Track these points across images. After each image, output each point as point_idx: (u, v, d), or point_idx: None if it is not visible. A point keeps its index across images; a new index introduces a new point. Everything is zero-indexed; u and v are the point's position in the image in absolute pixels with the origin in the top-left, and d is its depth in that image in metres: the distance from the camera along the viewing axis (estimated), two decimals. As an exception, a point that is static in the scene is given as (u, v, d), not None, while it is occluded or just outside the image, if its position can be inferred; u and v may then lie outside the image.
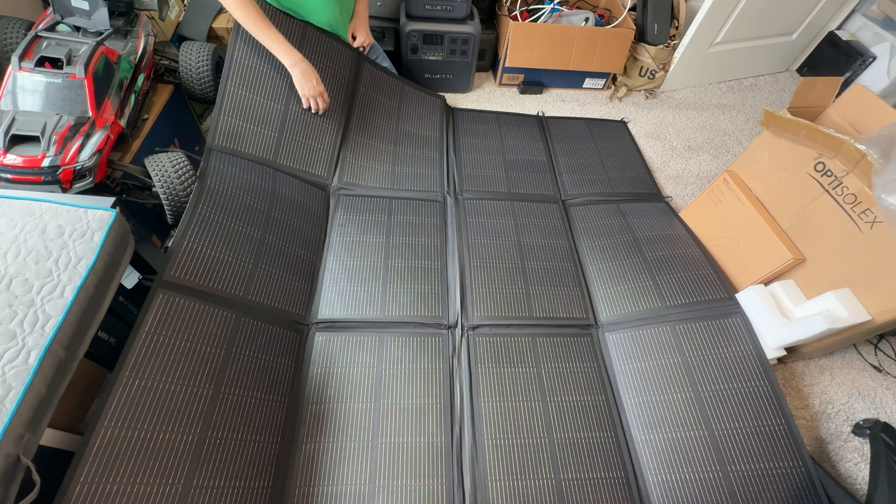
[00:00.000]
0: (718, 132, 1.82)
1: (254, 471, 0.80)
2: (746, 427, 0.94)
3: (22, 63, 0.89)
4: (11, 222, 0.68)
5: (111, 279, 0.70)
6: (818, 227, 1.05)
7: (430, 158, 1.41)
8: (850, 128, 1.07)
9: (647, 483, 0.91)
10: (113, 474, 0.65)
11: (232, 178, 1.06)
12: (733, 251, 1.21)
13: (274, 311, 0.97)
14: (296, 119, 1.22)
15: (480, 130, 1.57)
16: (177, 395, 0.75)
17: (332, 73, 1.30)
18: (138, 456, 0.68)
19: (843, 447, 1.05)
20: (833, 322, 0.95)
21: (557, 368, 1.03)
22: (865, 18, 1.96)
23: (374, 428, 0.90)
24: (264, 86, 1.18)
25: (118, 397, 0.69)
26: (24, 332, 0.59)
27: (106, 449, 0.65)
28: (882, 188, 0.86)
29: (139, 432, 0.69)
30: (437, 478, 0.87)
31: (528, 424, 0.94)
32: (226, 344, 0.86)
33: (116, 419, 0.68)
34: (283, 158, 1.19)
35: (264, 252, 1.01)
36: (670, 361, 1.03)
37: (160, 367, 0.75)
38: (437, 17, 1.62)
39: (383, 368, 0.97)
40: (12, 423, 0.52)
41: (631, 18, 1.78)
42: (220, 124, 1.11)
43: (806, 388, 1.15)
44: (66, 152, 0.86)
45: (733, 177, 1.23)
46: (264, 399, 0.87)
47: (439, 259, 1.16)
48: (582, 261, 1.24)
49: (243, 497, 0.77)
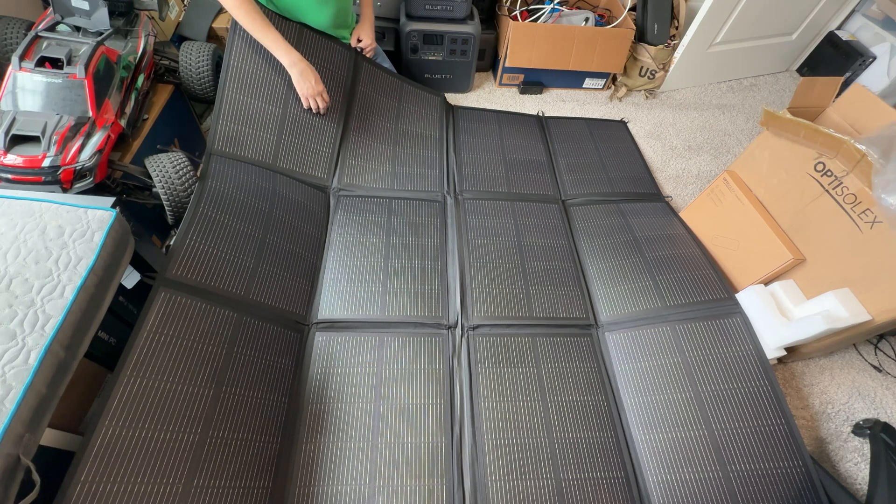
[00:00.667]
0: (718, 132, 1.82)
1: (254, 470, 0.80)
2: (746, 427, 0.94)
3: (22, 63, 0.89)
4: (11, 222, 0.68)
5: (111, 279, 0.70)
6: (818, 228, 1.05)
7: (430, 158, 1.41)
8: (850, 128, 1.07)
9: (647, 483, 0.92)
10: (114, 474, 0.65)
11: (233, 178, 1.06)
12: (733, 251, 1.21)
13: (275, 310, 0.97)
14: (295, 121, 1.22)
15: (480, 129, 1.56)
16: (178, 394, 0.75)
17: (331, 73, 1.30)
18: (139, 455, 0.68)
19: (843, 447, 1.05)
20: (833, 322, 0.95)
21: (557, 368, 1.03)
22: (865, 18, 1.96)
23: (374, 428, 0.90)
24: (263, 88, 1.18)
25: (119, 396, 0.69)
26: (24, 332, 0.59)
27: (107, 448, 0.65)
28: (882, 188, 0.86)
29: (140, 431, 0.69)
30: (437, 478, 0.87)
31: (528, 424, 0.94)
32: (227, 343, 0.86)
33: (117, 418, 0.68)
34: (283, 161, 1.19)
35: (265, 252, 1.02)
36: (670, 361, 1.03)
37: (161, 367, 0.75)
38: (437, 17, 1.62)
39: (383, 368, 0.97)
40: (12, 423, 0.52)
41: (631, 18, 1.78)
42: (219, 129, 1.11)
43: (806, 388, 1.15)
44: (66, 152, 0.86)
45: (733, 177, 1.23)
46: (265, 399, 0.87)
47: (439, 259, 1.16)
48: (582, 261, 1.24)
49: (244, 497, 0.77)
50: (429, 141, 1.45)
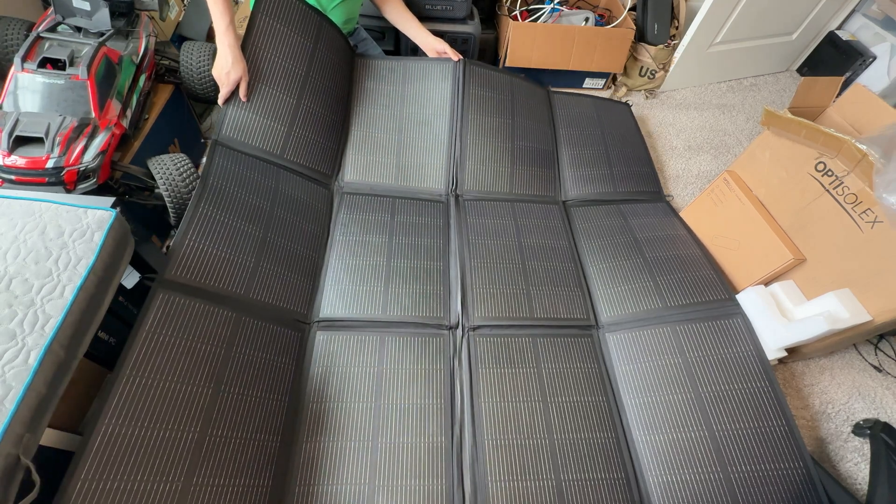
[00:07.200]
0: (718, 132, 1.82)
1: (254, 469, 0.80)
2: (747, 428, 0.93)
3: (25, 64, 0.89)
4: (11, 222, 0.68)
5: (111, 279, 0.70)
6: (819, 227, 1.04)
7: (436, 146, 1.37)
8: (851, 128, 1.07)
9: (648, 484, 0.91)
10: (113, 472, 0.65)
11: (235, 176, 1.06)
12: (733, 251, 1.21)
13: (275, 309, 0.97)
14: (307, 114, 1.22)
15: (492, 100, 1.45)
16: (177, 393, 0.75)
17: (339, 70, 1.32)
18: (139, 454, 0.68)
19: (843, 447, 1.05)
20: (834, 323, 0.94)
21: (558, 369, 1.03)
22: (865, 18, 1.96)
23: (374, 428, 0.90)
24: (277, 77, 1.18)
25: (119, 395, 0.69)
26: (24, 332, 0.59)
27: (107, 446, 0.65)
28: (883, 188, 0.86)
29: (140, 430, 0.69)
30: (437, 478, 0.87)
31: (528, 425, 0.94)
32: (226, 343, 0.86)
33: (117, 417, 0.68)
34: (291, 153, 1.19)
35: (266, 250, 1.02)
36: (671, 362, 1.03)
37: (161, 366, 0.75)
38: (437, 16, 1.62)
39: (384, 368, 0.97)
40: (12, 423, 0.52)
41: (631, 18, 1.78)
42: (228, 114, 1.11)
43: (806, 388, 1.15)
44: (70, 153, 0.86)
45: (733, 177, 1.23)
46: (265, 398, 0.87)
47: (441, 259, 1.16)
48: (582, 261, 1.24)
49: (243, 495, 0.77)
50: (434, 127, 1.39)
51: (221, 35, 1.07)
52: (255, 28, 1.15)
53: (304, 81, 1.22)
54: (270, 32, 1.17)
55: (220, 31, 1.07)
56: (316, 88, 1.25)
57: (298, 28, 1.22)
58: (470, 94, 1.42)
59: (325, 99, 1.27)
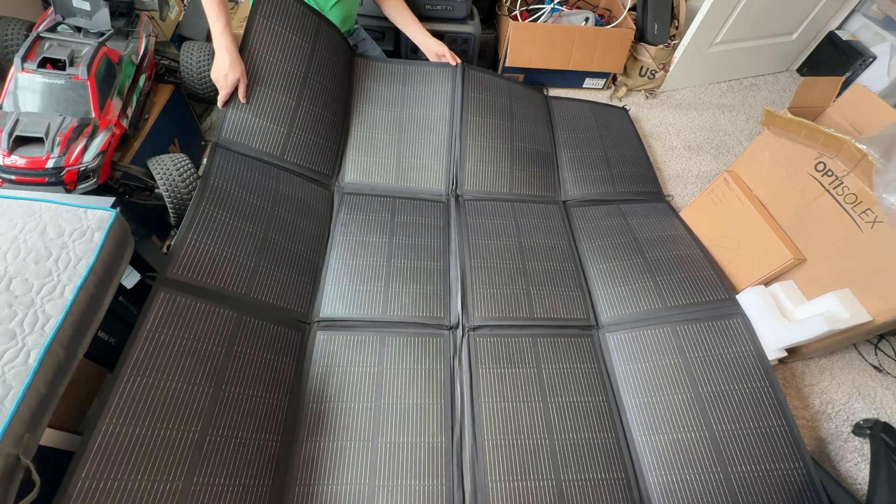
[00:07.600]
0: (718, 132, 1.82)
1: (254, 469, 0.80)
2: (747, 428, 0.93)
3: (25, 64, 0.89)
4: (11, 222, 0.68)
5: (111, 279, 0.70)
6: (819, 227, 1.04)
7: (436, 146, 1.37)
8: (851, 128, 1.07)
9: (648, 484, 0.91)
10: (114, 471, 0.65)
11: (236, 176, 1.06)
12: (733, 251, 1.21)
13: (276, 309, 0.97)
14: (306, 115, 1.22)
15: (490, 103, 1.46)
16: (178, 392, 0.75)
17: (339, 71, 1.32)
18: (139, 453, 0.68)
19: (843, 447, 1.05)
20: (834, 323, 0.94)
21: (558, 369, 1.03)
22: (865, 18, 1.96)
23: (374, 427, 0.90)
24: (276, 79, 1.18)
25: (119, 395, 0.69)
26: (24, 332, 0.59)
27: (107, 446, 0.65)
28: (883, 188, 0.86)
29: (140, 430, 0.69)
30: (437, 478, 0.87)
31: (528, 425, 0.94)
32: (227, 342, 0.86)
33: (117, 416, 0.68)
34: (291, 155, 1.19)
35: (267, 250, 1.02)
36: (671, 362, 1.03)
37: (161, 365, 0.75)
38: (437, 16, 1.62)
39: (384, 368, 0.97)
40: (12, 423, 0.52)
41: (631, 18, 1.78)
42: (228, 116, 1.11)
43: (806, 387, 1.15)
44: (70, 153, 0.86)
45: (733, 177, 1.23)
46: (265, 397, 0.87)
47: (441, 260, 1.16)
48: (583, 261, 1.24)
49: (243, 495, 0.77)
50: (435, 127, 1.39)
51: (218, 37, 1.07)
52: (253, 29, 1.15)
53: (304, 82, 1.22)
54: (268, 34, 1.17)
55: (217, 34, 1.07)
56: (315, 89, 1.25)
57: (296, 29, 1.22)
58: (469, 97, 1.43)
59: (324, 100, 1.27)
